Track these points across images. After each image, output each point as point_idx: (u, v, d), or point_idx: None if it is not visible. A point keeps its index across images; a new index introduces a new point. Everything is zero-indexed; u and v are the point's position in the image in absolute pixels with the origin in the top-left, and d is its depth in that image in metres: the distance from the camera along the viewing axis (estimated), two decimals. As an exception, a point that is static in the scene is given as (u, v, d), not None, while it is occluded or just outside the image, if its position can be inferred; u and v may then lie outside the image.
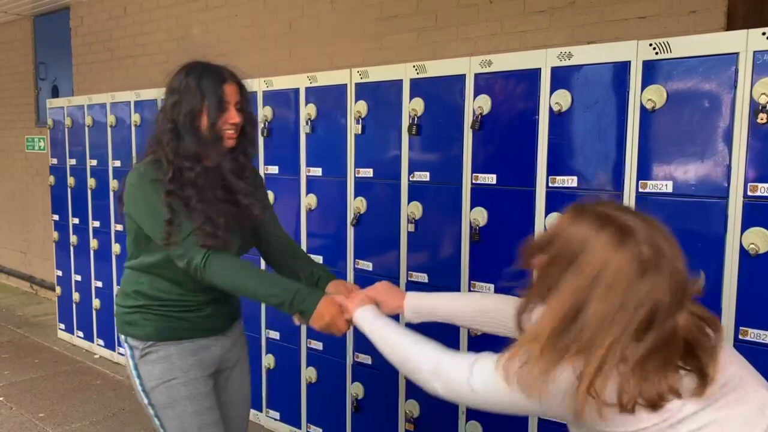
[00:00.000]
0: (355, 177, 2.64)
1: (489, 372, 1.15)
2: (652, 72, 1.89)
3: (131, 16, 4.95)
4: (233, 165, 1.74)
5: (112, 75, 5.16)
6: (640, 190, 1.93)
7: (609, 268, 1.05)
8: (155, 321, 1.75)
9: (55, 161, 4.49)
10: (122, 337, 1.81)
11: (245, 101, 1.75)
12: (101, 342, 4.24)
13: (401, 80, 2.45)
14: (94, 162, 4.08)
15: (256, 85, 3.01)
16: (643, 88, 1.90)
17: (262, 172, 3.03)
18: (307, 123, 2.78)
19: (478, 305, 1.59)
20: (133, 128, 3.74)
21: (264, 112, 2.96)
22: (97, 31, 5.31)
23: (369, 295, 1.60)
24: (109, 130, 3.92)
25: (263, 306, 3.09)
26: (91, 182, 4.12)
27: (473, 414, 2.34)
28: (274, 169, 2.98)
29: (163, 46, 4.67)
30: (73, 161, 4.28)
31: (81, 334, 4.44)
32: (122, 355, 4.04)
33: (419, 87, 2.41)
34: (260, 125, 2.98)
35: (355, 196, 2.64)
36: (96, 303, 4.20)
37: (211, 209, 1.66)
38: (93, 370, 4.05)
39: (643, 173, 1.93)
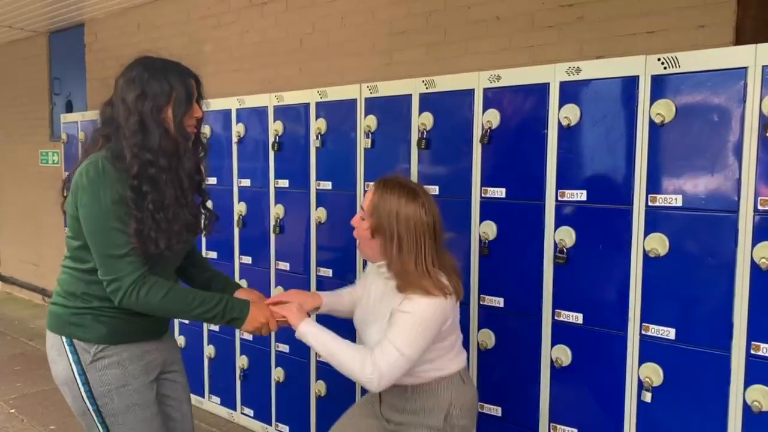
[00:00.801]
0: (365, 191, 2.65)
1: (412, 337, 1.65)
2: (660, 86, 1.90)
3: (144, 32, 5.03)
4: (194, 161, 1.77)
5: (125, 90, 5.22)
6: (650, 204, 1.93)
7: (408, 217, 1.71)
8: (108, 323, 1.70)
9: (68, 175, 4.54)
10: (63, 339, 1.72)
11: (201, 97, 1.79)
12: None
13: (410, 95, 2.47)
14: (107, 176, 4.12)
15: (267, 101, 3.04)
16: (651, 102, 1.91)
17: (272, 186, 3.05)
18: (317, 137, 2.81)
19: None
20: (145, 142, 3.78)
21: (275, 127, 2.99)
22: (111, 47, 5.39)
23: (292, 299, 1.89)
24: (121, 144, 3.97)
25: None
26: (103, 196, 4.15)
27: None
28: (284, 183, 3.00)
29: (176, 61, 4.73)
30: (86, 175, 4.32)
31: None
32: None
33: (428, 101, 2.43)
34: (271, 139, 3.01)
35: (365, 210, 2.65)
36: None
37: (169, 214, 1.67)
38: (103, 382, 4.07)
39: (653, 187, 1.93)
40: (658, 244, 1.90)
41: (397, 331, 1.66)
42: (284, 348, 3.06)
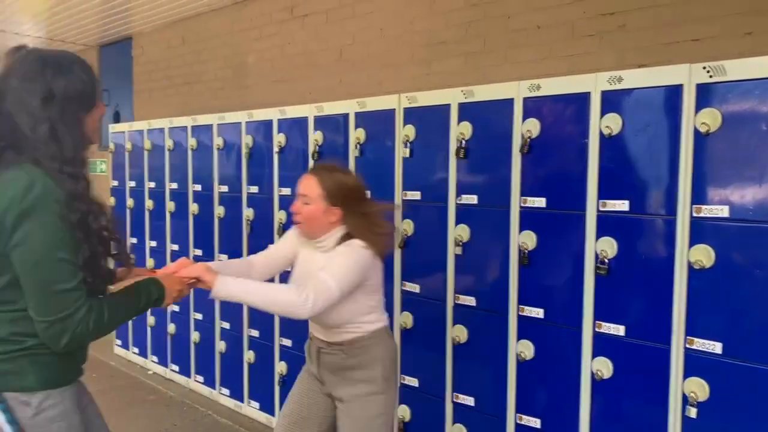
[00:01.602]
0: (403, 200, 2.67)
1: (341, 272, 1.83)
2: (706, 95, 1.87)
3: (189, 45, 5.17)
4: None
5: (169, 101, 5.38)
6: (695, 214, 1.89)
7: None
8: (49, 364, 1.42)
9: (115, 183, 4.70)
10: None
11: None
12: (155, 359, 4.37)
13: (449, 105, 2.48)
14: (153, 184, 4.25)
15: (308, 111, 3.09)
16: (696, 111, 1.88)
17: (312, 195, 3.09)
18: (356, 147, 2.84)
19: (244, 265, 2.12)
20: (189, 152, 3.89)
21: (315, 137, 3.04)
22: (157, 60, 5.56)
23: (182, 267, 1.83)
24: (167, 153, 4.09)
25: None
26: (149, 203, 4.28)
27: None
28: (323, 192, 3.03)
29: (219, 73, 4.85)
30: (133, 183, 4.47)
31: (136, 350, 4.58)
32: (173, 371, 4.13)
33: (467, 111, 2.43)
34: (311, 149, 3.06)
35: (403, 219, 2.67)
36: (150, 320, 4.34)
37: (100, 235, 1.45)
38: (146, 385, 4.17)
39: (698, 197, 1.89)
40: (703, 255, 1.86)
41: (329, 267, 1.85)
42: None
